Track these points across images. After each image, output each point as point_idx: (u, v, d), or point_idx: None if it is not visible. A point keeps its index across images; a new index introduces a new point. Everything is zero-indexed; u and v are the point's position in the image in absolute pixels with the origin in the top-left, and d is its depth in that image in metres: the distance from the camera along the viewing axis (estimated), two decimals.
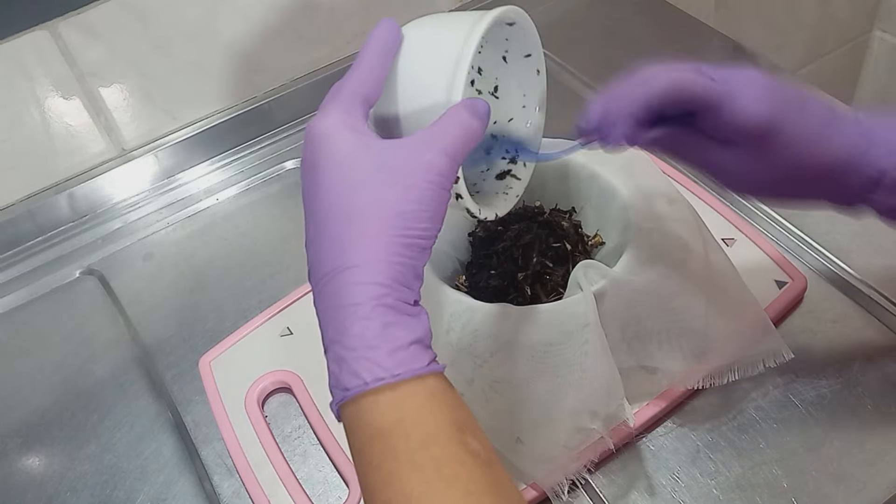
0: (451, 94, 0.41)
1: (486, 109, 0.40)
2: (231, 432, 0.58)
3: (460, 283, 0.59)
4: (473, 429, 0.36)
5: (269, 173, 0.81)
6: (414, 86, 0.42)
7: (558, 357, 0.50)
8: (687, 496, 0.51)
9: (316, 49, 0.84)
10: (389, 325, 0.35)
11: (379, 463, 0.34)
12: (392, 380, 0.34)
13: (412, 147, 0.38)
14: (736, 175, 0.45)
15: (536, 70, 0.49)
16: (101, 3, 0.72)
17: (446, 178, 0.38)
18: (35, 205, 0.77)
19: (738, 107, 0.42)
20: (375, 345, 0.34)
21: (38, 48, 0.71)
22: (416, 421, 0.34)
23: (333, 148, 0.38)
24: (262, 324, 0.65)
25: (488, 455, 0.36)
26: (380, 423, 0.34)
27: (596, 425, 0.51)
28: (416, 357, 0.35)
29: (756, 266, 0.61)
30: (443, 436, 0.34)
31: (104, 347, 0.68)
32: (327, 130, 0.38)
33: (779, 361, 0.55)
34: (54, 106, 0.75)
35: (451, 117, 0.39)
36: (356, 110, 0.40)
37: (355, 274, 0.35)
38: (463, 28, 0.42)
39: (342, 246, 0.36)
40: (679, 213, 0.55)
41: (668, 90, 0.42)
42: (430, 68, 0.42)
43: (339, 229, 0.36)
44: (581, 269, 0.51)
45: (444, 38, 0.42)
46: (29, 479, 0.60)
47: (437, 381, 0.36)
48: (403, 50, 0.43)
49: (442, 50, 0.41)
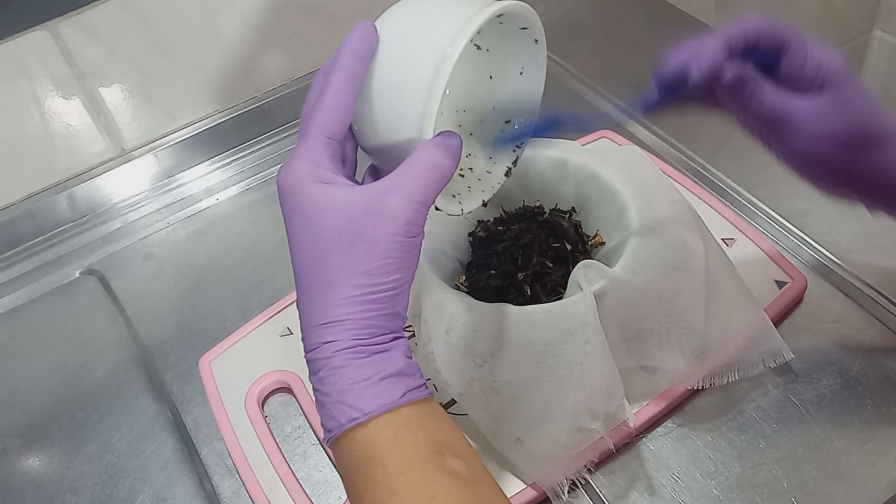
0: (422, 131, 0.39)
1: (458, 144, 0.40)
2: (231, 432, 0.58)
3: (460, 283, 0.59)
4: (456, 448, 0.38)
5: (269, 173, 0.81)
6: (386, 114, 0.41)
7: (558, 357, 0.50)
8: (687, 496, 0.51)
9: (316, 49, 0.84)
10: (360, 367, 0.37)
11: (362, 492, 0.37)
12: (364, 418, 0.36)
13: (378, 195, 0.38)
14: (807, 127, 0.43)
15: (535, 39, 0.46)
16: (101, 3, 0.72)
17: (414, 225, 0.38)
18: (35, 205, 0.77)
19: (822, 50, 0.42)
20: (347, 388, 0.37)
21: (38, 48, 0.71)
22: (391, 451, 0.36)
23: (301, 207, 0.39)
24: (262, 324, 0.65)
25: (473, 472, 0.37)
26: (360, 457, 0.37)
27: (596, 425, 0.51)
28: (387, 392, 0.37)
29: (756, 266, 0.61)
30: (419, 461, 0.36)
31: (104, 347, 0.68)
32: (294, 186, 0.39)
33: (779, 361, 0.55)
34: (54, 106, 0.75)
35: (422, 159, 0.39)
36: (322, 156, 0.39)
37: (326, 333, 0.38)
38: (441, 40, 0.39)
39: (314, 307, 0.38)
40: (679, 213, 0.55)
41: (759, 26, 0.43)
42: (401, 94, 0.40)
43: (311, 293, 0.38)
44: (581, 269, 0.51)
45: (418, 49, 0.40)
46: (29, 479, 0.60)
47: (412, 409, 0.38)
48: (378, 59, 0.41)
49: (415, 69, 0.39)
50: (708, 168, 0.72)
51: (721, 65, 0.43)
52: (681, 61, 0.43)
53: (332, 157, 0.40)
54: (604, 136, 0.74)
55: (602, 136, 0.74)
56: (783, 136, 0.44)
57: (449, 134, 0.40)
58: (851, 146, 0.44)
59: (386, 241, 0.37)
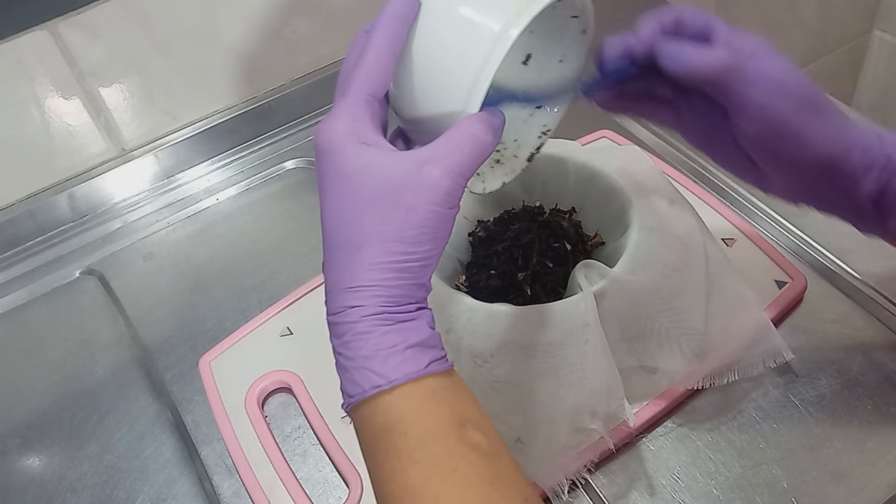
0: (468, 105, 0.38)
1: (501, 123, 0.39)
2: (231, 432, 0.58)
3: (460, 283, 0.59)
4: (478, 422, 0.37)
5: (269, 173, 0.81)
6: (428, 85, 0.39)
7: (558, 357, 0.50)
8: (687, 496, 0.51)
9: (316, 49, 0.84)
10: (386, 334, 0.37)
11: (383, 461, 0.36)
12: (388, 385, 0.36)
13: (419, 164, 0.37)
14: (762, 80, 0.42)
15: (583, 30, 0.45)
16: (101, 3, 0.72)
17: (453, 196, 0.37)
18: (35, 205, 0.77)
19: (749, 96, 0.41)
20: (372, 354, 0.36)
21: (38, 48, 0.71)
22: (414, 421, 0.36)
23: (339, 166, 0.38)
24: (262, 324, 0.65)
25: (493, 446, 0.37)
26: (381, 424, 0.36)
27: (596, 425, 0.51)
28: (412, 361, 0.36)
29: (756, 266, 0.61)
30: (442, 432, 0.36)
31: (104, 347, 0.68)
32: (333, 144, 0.38)
33: (779, 361, 0.55)
34: (54, 106, 0.75)
35: (465, 130, 0.38)
36: (362, 114, 0.38)
37: (354, 297, 0.37)
38: (500, 11, 0.37)
39: (342, 270, 0.37)
40: (679, 213, 0.55)
41: (688, 11, 0.43)
42: (448, 66, 0.38)
43: (341, 255, 0.38)
44: (581, 269, 0.51)
45: (471, 23, 0.38)
46: (29, 479, 0.60)
47: (436, 380, 0.37)
48: (423, 26, 0.39)
49: (467, 43, 0.38)
50: (708, 168, 0.72)
51: (659, 38, 0.43)
52: (620, 39, 0.44)
53: (372, 116, 0.39)
54: (604, 136, 0.74)
55: (602, 136, 0.74)
56: (737, 98, 0.42)
57: (494, 111, 0.39)
58: (804, 104, 0.42)
59: (424, 209, 0.36)
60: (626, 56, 0.44)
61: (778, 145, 0.42)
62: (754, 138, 0.43)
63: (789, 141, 0.42)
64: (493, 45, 0.37)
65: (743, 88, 0.41)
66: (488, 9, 0.38)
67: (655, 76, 0.44)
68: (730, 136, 0.45)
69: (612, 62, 0.44)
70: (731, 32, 0.42)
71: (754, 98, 0.41)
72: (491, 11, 0.38)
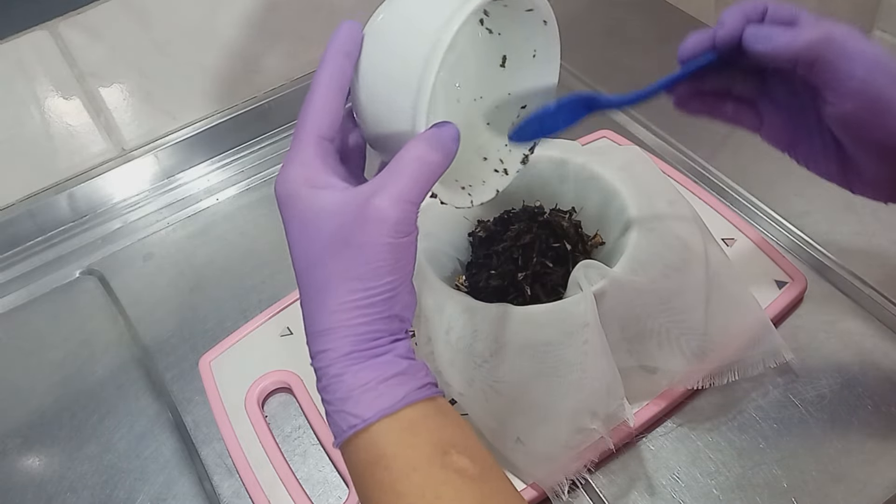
0: (415, 124, 0.38)
1: (450, 135, 0.39)
2: (231, 432, 0.58)
3: (460, 283, 0.59)
4: (462, 446, 0.37)
5: (269, 173, 0.81)
6: (379, 108, 0.40)
7: (558, 357, 0.50)
8: (687, 496, 0.51)
9: (316, 49, 0.84)
10: (359, 373, 0.37)
11: (370, 494, 0.37)
12: (363, 424, 0.36)
13: (366, 198, 0.37)
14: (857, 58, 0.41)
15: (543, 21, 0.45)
16: (101, 3, 0.72)
17: (404, 224, 0.37)
18: (35, 205, 0.77)
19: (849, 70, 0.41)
20: (346, 395, 0.37)
21: (38, 48, 0.71)
22: (394, 454, 0.36)
23: (295, 213, 0.39)
24: (262, 324, 0.65)
25: (480, 469, 0.37)
26: (365, 460, 0.37)
27: (596, 425, 0.51)
28: (387, 396, 0.37)
29: (756, 266, 0.61)
30: (423, 461, 0.36)
31: (104, 347, 0.68)
32: (288, 192, 0.39)
33: (779, 361, 0.55)
34: (54, 106, 0.75)
35: (406, 155, 0.38)
36: (312, 158, 0.39)
37: (324, 341, 0.38)
38: (431, 28, 0.38)
39: (312, 314, 0.38)
40: (679, 213, 0.55)
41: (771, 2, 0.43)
42: (392, 87, 0.39)
43: (309, 299, 0.39)
44: (581, 269, 0.51)
45: (408, 41, 0.38)
46: (29, 479, 0.60)
47: (416, 410, 0.37)
48: (370, 53, 0.39)
49: (406, 62, 0.38)
50: (708, 168, 0.72)
51: (742, 26, 0.43)
52: (702, 31, 0.43)
53: (323, 157, 0.39)
54: (604, 136, 0.74)
55: (602, 136, 0.74)
56: (836, 73, 0.41)
57: (442, 125, 0.39)
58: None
59: (374, 244, 0.37)
60: (707, 45, 0.44)
61: (875, 123, 0.42)
62: (850, 117, 0.42)
63: (888, 115, 0.41)
64: (426, 62, 0.38)
65: (842, 62, 0.41)
66: (423, 25, 0.38)
67: (736, 71, 0.44)
68: (815, 129, 0.44)
69: (691, 51, 0.44)
70: (818, 18, 0.42)
71: (855, 71, 0.41)
72: (423, 28, 0.38)
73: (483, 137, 0.48)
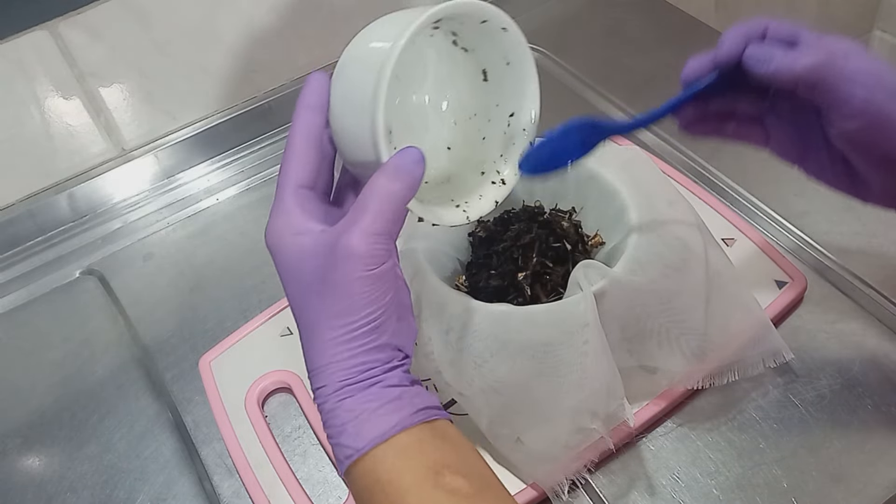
0: (378, 154, 0.40)
1: (413, 159, 0.40)
2: (231, 432, 0.58)
3: (460, 283, 0.59)
4: (457, 466, 0.38)
5: (269, 173, 0.81)
6: (349, 145, 0.42)
7: (558, 357, 0.50)
8: (687, 496, 0.51)
9: (316, 49, 0.84)
10: (351, 407, 0.39)
11: None
12: (357, 454, 0.38)
13: (337, 237, 0.39)
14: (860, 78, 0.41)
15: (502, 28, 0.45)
16: (101, 3, 0.72)
17: (374, 257, 0.39)
18: (35, 205, 0.77)
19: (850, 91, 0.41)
20: (341, 429, 0.39)
21: (38, 48, 0.71)
22: (388, 479, 0.38)
23: (283, 261, 0.41)
24: (262, 324, 0.65)
25: (476, 488, 0.38)
26: (364, 487, 0.39)
27: (596, 425, 0.51)
28: (379, 425, 0.38)
29: (756, 266, 0.61)
30: (416, 484, 0.37)
31: (104, 347, 0.68)
32: (275, 243, 0.41)
33: (779, 361, 0.55)
34: (54, 106, 0.75)
35: (368, 190, 0.39)
36: (292, 207, 0.41)
37: (317, 379, 0.40)
38: (377, 62, 0.39)
39: (307, 354, 0.40)
40: (679, 213, 0.55)
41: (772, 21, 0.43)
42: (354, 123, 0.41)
43: (304, 341, 0.41)
44: (581, 269, 0.51)
45: (362, 80, 0.40)
46: (29, 479, 0.60)
47: (410, 435, 0.39)
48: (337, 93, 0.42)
49: (363, 97, 0.40)
50: (708, 168, 0.72)
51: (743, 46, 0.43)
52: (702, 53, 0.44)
53: (302, 205, 0.41)
54: None
55: None
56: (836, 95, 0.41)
57: (403, 151, 0.40)
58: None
59: (347, 280, 0.38)
60: (709, 67, 0.44)
61: (880, 139, 0.42)
62: (855, 135, 0.42)
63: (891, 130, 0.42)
64: (374, 99, 0.39)
65: (843, 85, 0.41)
66: (371, 66, 0.40)
67: (739, 90, 0.44)
68: (822, 143, 0.45)
69: (693, 74, 0.45)
70: (819, 37, 0.42)
71: (856, 92, 0.41)
72: (372, 68, 0.40)
73: (481, 153, 0.49)
